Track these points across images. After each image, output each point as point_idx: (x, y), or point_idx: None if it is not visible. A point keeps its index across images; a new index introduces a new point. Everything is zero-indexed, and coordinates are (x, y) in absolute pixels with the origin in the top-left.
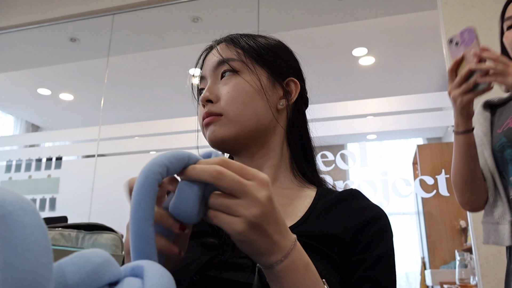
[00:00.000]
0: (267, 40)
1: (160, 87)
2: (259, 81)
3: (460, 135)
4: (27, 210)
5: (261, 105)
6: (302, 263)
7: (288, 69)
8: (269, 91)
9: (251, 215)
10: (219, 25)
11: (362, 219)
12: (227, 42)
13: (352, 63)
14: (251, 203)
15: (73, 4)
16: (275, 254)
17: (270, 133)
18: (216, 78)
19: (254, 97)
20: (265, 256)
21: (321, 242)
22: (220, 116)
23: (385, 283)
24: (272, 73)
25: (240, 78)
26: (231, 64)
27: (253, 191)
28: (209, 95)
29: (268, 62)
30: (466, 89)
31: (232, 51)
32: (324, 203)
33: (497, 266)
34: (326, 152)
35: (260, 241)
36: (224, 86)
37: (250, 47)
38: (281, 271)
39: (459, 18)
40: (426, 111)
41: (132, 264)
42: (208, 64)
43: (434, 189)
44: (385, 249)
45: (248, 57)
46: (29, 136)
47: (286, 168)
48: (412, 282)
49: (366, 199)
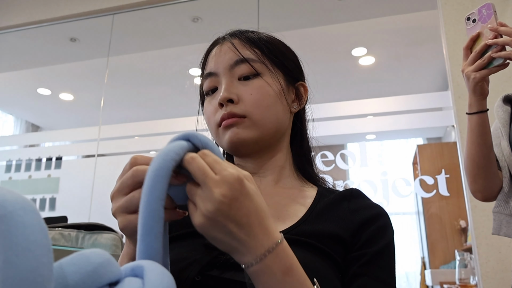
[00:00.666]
0: (277, 40)
1: (160, 87)
2: (279, 84)
3: (473, 116)
4: (27, 210)
5: (281, 109)
6: (280, 268)
7: (298, 73)
8: (286, 94)
9: (205, 209)
10: (219, 25)
11: (363, 218)
12: (242, 40)
13: (352, 63)
14: (208, 197)
15: (73, 4)
16: (244, 255)
17: (283, 136)
18: (232, 77)
19: (276, 101)
20: (235, 255)
21: (322, 241)
22: (244, 118)
23: (381, 278)
24: (287, 76)
25: (263, 81)
26: (253, 65)
27: (211, 185)
28: (229, 94)
29: (283, 65)
30: (481, 65)
31: (250, 51)
32: (324, 203)
33: (497, 266)
34: (326, 152)
35: (222, 238)
36: (244, 87)
37: (268, 49)
38: (254, 274)
39: (459, 18)
40: (426, 111)
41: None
42: (221, 60)
43: (434, 189)
44: (384, 245)
45: (267, 59)
46: (29, 136)
47: (290, 169)
48: (412, 282)
49: (367, 198)
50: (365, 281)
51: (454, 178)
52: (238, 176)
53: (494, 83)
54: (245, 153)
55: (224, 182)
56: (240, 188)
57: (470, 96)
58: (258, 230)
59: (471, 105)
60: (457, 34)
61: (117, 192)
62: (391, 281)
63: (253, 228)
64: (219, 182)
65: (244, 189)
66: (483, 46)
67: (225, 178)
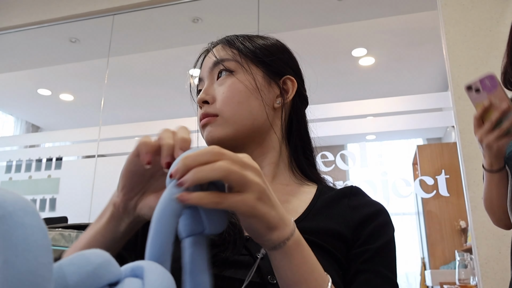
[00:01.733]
0: (264, 39)
1: (160, 88)
2: (254, 80)
3: (495, 173)
4: (27, 210)
5: (256, 104)
6: (304, 240)
7: (285, 68)
8: (265, 90)
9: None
10: (219, 25)
11: (363, 215)
12: (223, 43)
13: (352, 64)
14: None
15: (73, 4)
16: (284, 228)
17: (268, 132)
18: (212, 79)
19: (249, 97)
20: (277, 231)
21: (323, 238)
22: (216, 117)
23: (383, 274)
24: (268, 72)
25: (234, 78)
26: (226, 64)
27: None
28: (205, 96)
29: (263, 62)
30: (500, 134)
31: (228, 52)
32: (324, 200)
33: (497, 266)
34: (326, 153)
35: (270, 213)
36: (219, 87)
37: (245, 47)
38: (291, 247)
39: (459, 19)
40: (426, 111)
41: (132, 265)
42: (205, 66)
43: (434, 190)
44: (385, 242)
45: (243, 57)
46: (29, 136)
47: (285, 166)
48: (412, 283)
49: (366, 195)
50: (368, 277)
51: (454, 179)
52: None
53: None
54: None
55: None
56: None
57: (490, 158)
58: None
59: (492, 164)
60: (457, 35)
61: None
62: (392, 276)
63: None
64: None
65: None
66: (499, 115)
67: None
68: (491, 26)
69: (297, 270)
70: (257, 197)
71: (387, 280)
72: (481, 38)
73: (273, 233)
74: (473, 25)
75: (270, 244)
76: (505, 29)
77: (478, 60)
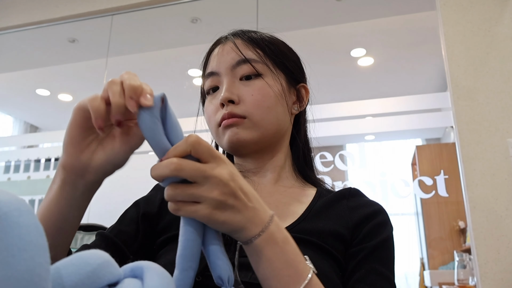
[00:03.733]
0: (279, 41)
1: (159, 88)
2: (280, 86)
3: None
4: (22, 210)
5: (282, 110)
6: (280, 237)
7: (301, 75)
8: (287, 96)
9: (214, 197)
10: (218, 26)
11: (362, 215)
12: (244, 40)
13: (351, 64)
14: (214, 184)
15: (72, 4)
16: (252, 228)
17: (283, 137)
18: (234, 77)
19: (276, 102)
20: (243, 232)
21: (322, 238)
22: (244, 119)
23: (380, 271)
24: (289, 78)
25: (264, 82)
26: (255, 65)
27: (213, 173)
28: (230, 95)
29: (286, 67)
30: None
31: (252, 51)
32: (323, 201)
33: (496, 267)
34: (325, 153)
35: (232, 219)
36: (246, 88)
37: (270, 50)
38: (260, 244)
39: (458, 19)
40: (425, 111)
41: (131, 265)
42: (223, 60)
43: (433, 190)
44: (382, 240)
45: (269, 60)
46: (27, 136)
47: (289, 169)
48: (411, 283)
49: (365, 196)
50: (364, 274)
51: (453, 179)
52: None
53: (493, 83)
54: (245, 153)
55: (223, 164)
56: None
57: None
58: (258, 202)
59: None
60: (456, 35)
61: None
62: (390, 274)
63: (257, 197)
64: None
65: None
66: None
67: (221, 160)
68: (490, 26)
69: (268, 266)
70: (213, 207)
71: (384, 277)
72: (480, 38)
73: (238, 234)
74: (472, 26)
75: (238, 239)
76: (504, 29)
77: (477, 60)
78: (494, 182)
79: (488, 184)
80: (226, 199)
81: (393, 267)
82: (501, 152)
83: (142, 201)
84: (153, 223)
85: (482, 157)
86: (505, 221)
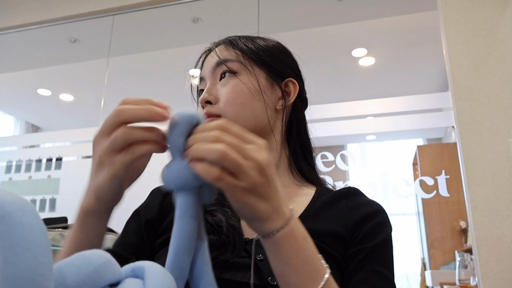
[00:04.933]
0: (266, 41)
1: (160, 88)
2: (257, 82)
3: None
4: (25, 210)
5: (259, 106)
6: (300, 233)
7: (286, 70)
8: (267, 92)
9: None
10: (219, 26)
11: (361, 214)
12: (225, 44)
13: (352, 64)
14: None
15: (73, 4)
16: (275, 220)
17: (269, 134)
18: (214, 79)
19: (252, 98)
20: (265, 223)
21: (322, 239)
22: (218, 117)
23: (380, 272)
24: (271, 74)
25: (237, 79)
26: (229, 65)
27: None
28: (207, 96)
29: (266, 63)
30: None
31: (231, 52)
32: (322, 201)
33: (497, 267)
34: (326, 153)
35: (260, 205)
36: (222, 87)
37: (248, 48)
38: (281, 239)
39: (459, 19)
40: (426, 111)
41: (132, 265)
42: (207, 65)
43: (434, 190)
44: (381, 240)
45: (246, 58)
46: (29, 136)
47: (285, 168)
48: (412, 283)
49: (364, 196)
50: (364, 275)
51: (454, 179)
52: (266, 143)
53: (494, 83)
54: None
55: (261, 147)
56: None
57: None
58: (283, 195)
59: None
60: (457, 35)
61: (99, 134)
62: (389, 274)
63: (280, 192)
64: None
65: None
66: None
67: (261, 144)
68: (491, 26)
69: (287, 262)
70: (247, 188)
71: (384, 278)
72: (482, 38)
73: (261, 223)
74: (473, 25)
75: (259, 231)
76: (505, 29)
77: (478, 60)
78: (495, 182)
79: (489, 184)
80: (261, 182)
81: (393, 267)
82: (502, 152)
83: (141, 209)
84: (156, 227)
85: (483, 157)
86: (507, 221)
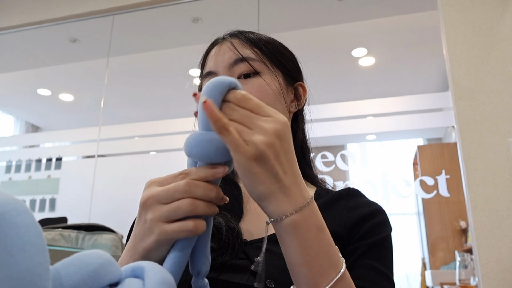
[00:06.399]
0: (275, 40)
1: (160, 88)
2: (278, 83)
3: None
4: (20, 210)
5: (280, 108)
6: (315, 223)
7: (297, 73)
8: (285, 94)
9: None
10: (219, 26)
11: (360, 215)
12: (241, 39)
13: (352, 64)
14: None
15: (73, 4)
16: (283, 202)
17: None
18: (231, 76)
19: (275, 100)
20: (272, 201)
21: None
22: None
23: (378, 268)
24: (286, 76)
25: (262, 80)
26: (252, 64)
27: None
28: None
29: (283, 65)
30: None
31: (250, 50)
32: (322, 202)
33: (497, 267)
34: (326, 153)
35: (265, 178)
36: (244, 86)
37: (267, 48)
38: (291, 225)
39: (459, 19)
40: (426, 111)
41: (132, 265)
42: (220, 59)
43: (434, 190)
44: (380, 238)
45: (267, 58)
46: (29, 136)
47: None
48: (412, 283)
49: (364, 196)
50: (362, 272)
51: (454, 179)
52: (286, 120)
53: (494, 83)
54: None
55: (277, 120)
56: (288, 132)
57: None
58: (299, 180)
59: None
60: (457, 35)
61: (155, 200)
62: (388, 272)
63: (296, 177)
64: (272, 119)
65: (290, 135)
66: None
67: (278, 118)
68: (492, 26)
69: (299, 251)
70: (254, 156)
71: (381, 274)
72: (482, 38)
73: (267, 202)
74: (473, 25)
75: (267, 213)
76: (505, 29)
77: (478, 60)
78: (496, 181)
79: (489, 183)
80: (267, 153)
81: (392, 266)
82: (502, 152)
83: None
84: None
85: (483, 157)
86: (507, 221)
